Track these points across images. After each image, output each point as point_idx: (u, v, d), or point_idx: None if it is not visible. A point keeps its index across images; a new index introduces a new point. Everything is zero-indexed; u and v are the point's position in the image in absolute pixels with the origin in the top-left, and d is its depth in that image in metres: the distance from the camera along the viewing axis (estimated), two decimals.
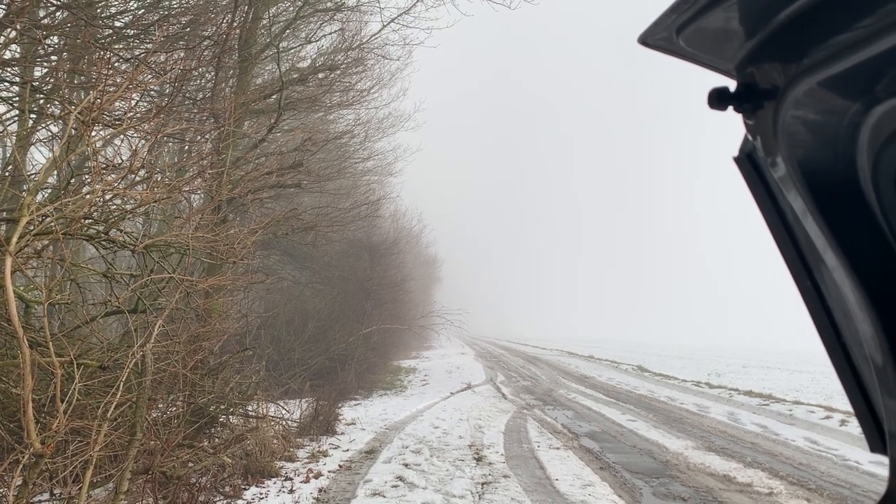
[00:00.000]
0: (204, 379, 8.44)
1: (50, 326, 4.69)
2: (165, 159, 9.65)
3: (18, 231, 4.00)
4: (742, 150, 1.19)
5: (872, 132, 0.93)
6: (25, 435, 3.77)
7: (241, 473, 8.48)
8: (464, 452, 11.00)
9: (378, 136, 17.61)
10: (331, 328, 20.54)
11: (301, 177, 11.72)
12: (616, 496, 8.49)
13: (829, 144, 1.00)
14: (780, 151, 1.05)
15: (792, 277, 1.19)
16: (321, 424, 12.48)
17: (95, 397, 5.44)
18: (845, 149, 0.99)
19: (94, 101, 5.02)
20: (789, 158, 1.04)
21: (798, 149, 1.02)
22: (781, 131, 1.03)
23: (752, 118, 1.10)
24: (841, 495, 8.89)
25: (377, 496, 8.04)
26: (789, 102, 0.99)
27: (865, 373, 1.09)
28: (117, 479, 5.29)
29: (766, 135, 1.08)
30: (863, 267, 1.00)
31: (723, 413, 17.52)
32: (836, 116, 0.96)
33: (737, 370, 37.40)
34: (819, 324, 1.17)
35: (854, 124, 0.95)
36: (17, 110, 7.32)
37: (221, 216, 7.98)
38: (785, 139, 1.03)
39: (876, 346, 1.01)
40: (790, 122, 1.01)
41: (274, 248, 17.33)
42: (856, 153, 0.98)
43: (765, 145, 1.09)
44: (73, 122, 4.93)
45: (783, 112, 1.01)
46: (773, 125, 1.04)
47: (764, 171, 1.14)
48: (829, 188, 1.02)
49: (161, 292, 6.42)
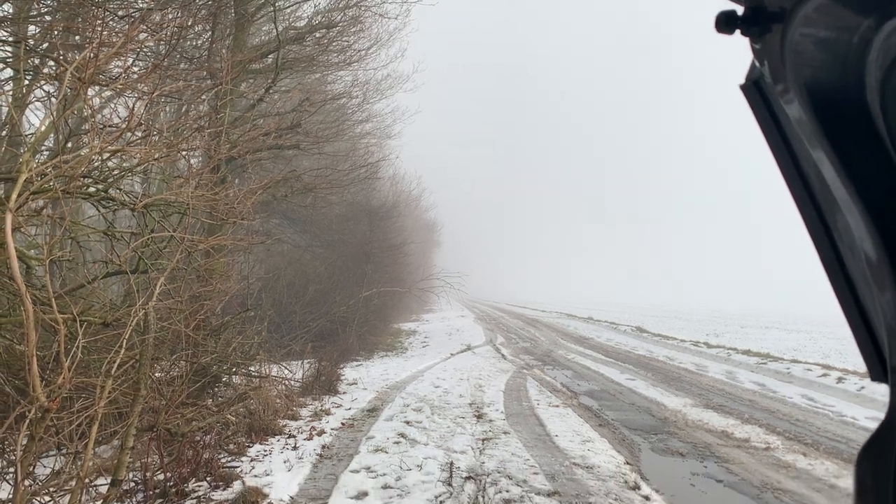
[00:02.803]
0: (206, 339, 8.49)
1: (52, 285, 4.70)
2: (163, 119, 9.57)
3: (17, 188, 3.99)
4: (749, 78, 1.18)
5: (882, 50, 0.92)
6: (31, 389, 3.80)
7: (244, 432, 8.59)
8: (464, 410, 11.12)
9: (376, 98, 17.43)
10: (331, 291, 20.63)
11: (299, 138, 11.64)
12: (615, 451, 8.61)
13: (839, 63, 0.99)
14: (787, 75, 1.04)
15: (797, 207, 1.19)
16: (323, 384, 12.60)
17: (99, 355, 5.48)
18: (854, 68, 0.98)
19: (90, 59, 4.96)
20: (797, 81, 1.03)
21: (806, 69, 1.01)
22: (789, 53, 1.02)
23: (760, 42, 1.08)
24: (837, 449, 9.02)
25: (380, 452, 8.15)
26: (798, 21, 0.97)
27: (868, 302, 1.09)
28: (122, 435, 5.36)
29: (773, 59, 1.06)
30: (871, 194, 1.00)
31: (721, 372, 17.69)
32: (846, 33, 0.95)
33: (735, 330, 37.66)
34: (823, 254, 1.17)
35: (864, 41, 0.94)
36: (12, 70, 7.24)
37: (220, 176, 7.94)
38: (793, 61, 1.02)
39: (881, 273, 1.01)
40: (798, 42, 0.99)
41: (274, 211, 17.31)
42: (865, 73, 0.97)
43: (772, 70, 1.08)
44: (68, 80, 4.88)
45: (791, 32, 0.99)
46: (780, 48, 1.03)
47: (771, 99, 1.13)
48: (837, 110, 1.01)
49: (162, 252, 6.42)
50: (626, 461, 8.16)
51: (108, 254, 5.91)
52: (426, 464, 7.57)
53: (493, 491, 6.61)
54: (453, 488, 6.68)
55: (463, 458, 7.92)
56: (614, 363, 19.34)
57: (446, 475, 7.13)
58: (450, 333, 30.36)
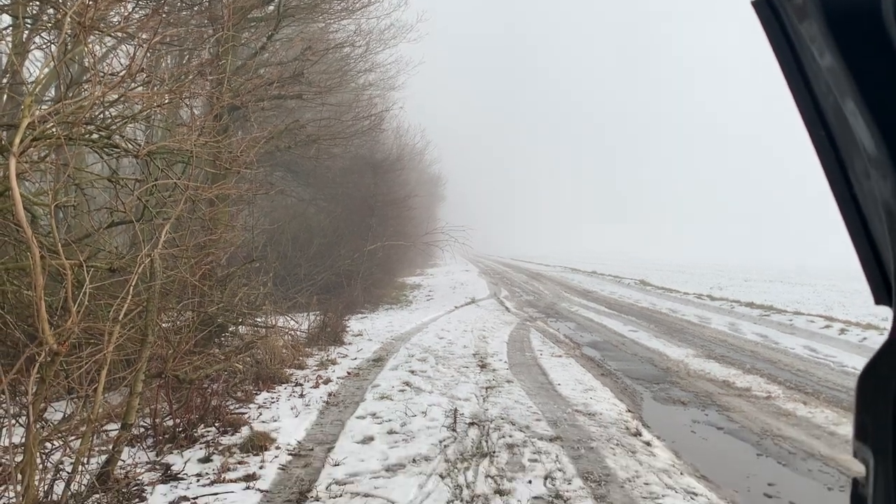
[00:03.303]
0: (212, 289, 8.56)
1: (57, 233, 4.72)
2: (164, 67, 9.47)
3: (20, 133, 3.97)
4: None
5: None
6: (40, 333, 3.85)
7: (252, 380, 8.71)
8: (468, 360, 11.24)
9: (379, 48, 17.15)
10: (336, 245, 20.67)
11: (302, 88, 11.53)
12: (617, 400, 8.72)
13: None
14: None
15: (806, 128, 1.17)
16: (329, 335, 12.73)
17: (106, 301, 5.53)
18: None
19: (89, 4, 4.89)
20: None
21: None
22: None
23: None
24: (837, 398, 9.11)
25: (385, 399, 8.27)
26: None
27: (875, 223, 1.09)
28: (131, 380, 5.44)
29: None
30: (883, 111, 0.99)
31: (724, 324, 17.79)
32: None
33: (739, 283, 37.76)
34: (831, 174, 1.16)
35: None
36: (11, 17, 7.15)
37: (223, 125, 7.89)
38: None
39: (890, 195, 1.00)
40: None
41: (277, 163, 17.23)
42: None
43: None
44: (68, 26, 4.82)
45: None
46: None
47: (783, 16, 1.11)
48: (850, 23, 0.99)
49: (167, 201, 6.42)
50: (628, 409, 8.27)
51: (112, 202, 5.91)
52: (431, 410, 7.69)
53: (496, 436, 6.72)
54: (457, 433, 6.79)
55: (467, 405, 8.03)
56: (617, 315, 19.46)
57: (450, 421, 7.24)
58: (454, 287, 30.51)
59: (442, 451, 6.22)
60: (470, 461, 5.92)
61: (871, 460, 1.04)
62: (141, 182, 5.69)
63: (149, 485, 5.22)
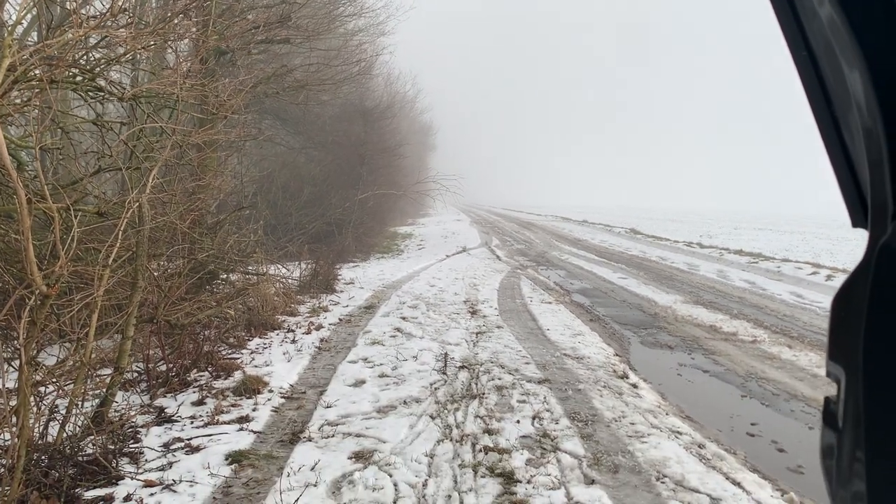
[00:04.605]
0: (203, 236, 8.54)
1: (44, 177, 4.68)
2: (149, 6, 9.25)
3: (1, 72, 3.90)
4: None
5: None
6: (28, 275, 3.85)
7: (244, 326, 8.77)
8: (459, 307, 11.33)
9: None
10: (327, 193, 20.57)
11: (289, 32, 11.31)
12: (605, 344, 8.84)
13: None
14: None
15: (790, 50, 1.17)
16: (321, 283, 12.78)
17: (95, 246, 5.51)
18: None
19: None
20: None
21: None
22: None
23: None
24: (821, 342, 9.27)
25: (377, 345, 8.36)
26: None
27: (854, 145, 1.09)
28: (123, 324, 5.47)
29: None
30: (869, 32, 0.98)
31: (712, 271, 17.95)
32: None
33: (728, 231, 37.95)
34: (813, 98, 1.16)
35: None
36: None
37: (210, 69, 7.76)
38: None
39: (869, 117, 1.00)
40: None
41: (266, 111, 17.01)
42: None
43: None
44: None
45: None
46: None
47: None
48: None
49: (154, 147, 6.35)
50: (616, 353, 8.39)
51: (99, 146, 5.85)
52: (421, 355, 7.79)
53: (486, 379, 6.83)
54: (448, 377, 6.89)
55: (457, 349, 8.13)
56: (607, 263, 19.57)
57: (441, 365, 7.34)
58: (445, 236, 30.55)
59: (432, 393, 6.32)
60: (460, 402, 6.03)
61: (843, 378, 1.07)
62: (127, 126, 5.62)
63: (143, 426, 5.30)
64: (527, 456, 4.82)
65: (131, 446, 4.94)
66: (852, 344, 1.08)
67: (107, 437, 4.80)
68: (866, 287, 1.09)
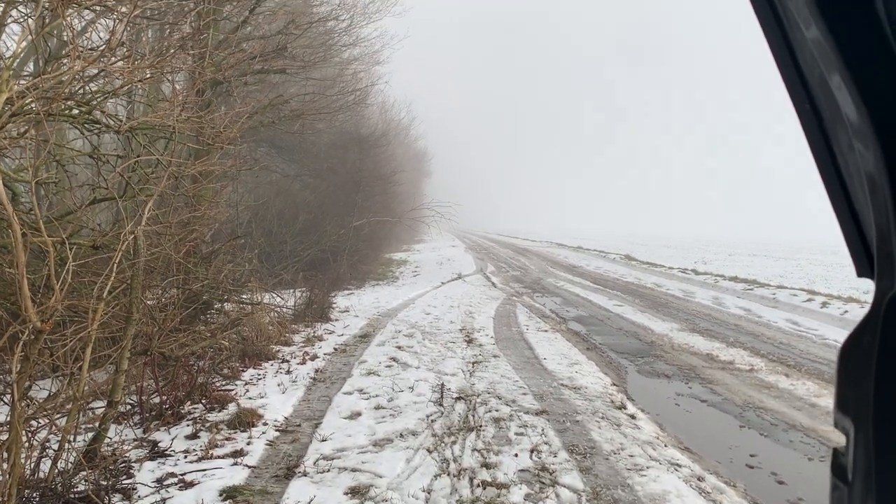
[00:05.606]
0: (197, 266, 8.50)
1: (39, 210, 4.66)
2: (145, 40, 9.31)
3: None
4: None
5: None
6: (22, 311, 3.81)
7: (238, 357, 8.70)
8: (455, 336, 11.28)
9: (363, 22, 16.94)
10: (322, 221, 20.58)
11: (286, 62, 11.39)
12: (602, 374, 8.80)
13: None
14: None
15: (791, 101, 1.17)
16: (315, 312, 12.72)
17: (90, 279, 5.48)
18: None
19: None
20: None
21: None
22: None
23: None
24: (818, 370, 9.24)
25: (372, 375, 8.30)
26: None
27: (858, 195, 1.09)
28: (117, 357, 5.42)
29: None
30: (868, 83, 0.98)
31: (708, 297, 17.95)
32: None
33: (723, 258, 38.04)
34: (815, 147, 1.16)
35: None
36: None
37: (206, 100, 7.78)
38: None
39: (873, 166, 1.00)
40: None
41: (262, 139, 17.07)
42: None
43: None
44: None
45: None
46: None
47: None
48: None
49: (149, 178, 6.35)
50: (613, 382, 8.35)
51: (94, 178, 5.84)
52: (418, 385, 7.73)
53: (483, 410, 6.77)
54: (444, 408, 6.83)
55: (454, 380, 8.07)
56: (603, 290, 19.57)
57: (437, 396, 7.29)
58: (441, 263, 30.53)
59: (429, 425, 6.26)
60: (457, 435, 5.97)
61: (852, 430, 1.05)
62: (123, 158, 5.62)
63: (136, 462, 5.22)
64: (525, 491, 4.76)
65: (124, 482, 4.86)
66: (862, 396, 1.07)
67: (99, 472, 4.73)
68: (874, 340, 1.08)
